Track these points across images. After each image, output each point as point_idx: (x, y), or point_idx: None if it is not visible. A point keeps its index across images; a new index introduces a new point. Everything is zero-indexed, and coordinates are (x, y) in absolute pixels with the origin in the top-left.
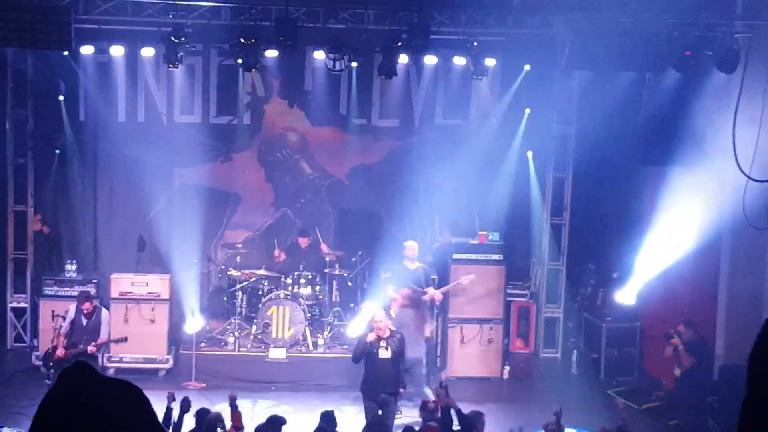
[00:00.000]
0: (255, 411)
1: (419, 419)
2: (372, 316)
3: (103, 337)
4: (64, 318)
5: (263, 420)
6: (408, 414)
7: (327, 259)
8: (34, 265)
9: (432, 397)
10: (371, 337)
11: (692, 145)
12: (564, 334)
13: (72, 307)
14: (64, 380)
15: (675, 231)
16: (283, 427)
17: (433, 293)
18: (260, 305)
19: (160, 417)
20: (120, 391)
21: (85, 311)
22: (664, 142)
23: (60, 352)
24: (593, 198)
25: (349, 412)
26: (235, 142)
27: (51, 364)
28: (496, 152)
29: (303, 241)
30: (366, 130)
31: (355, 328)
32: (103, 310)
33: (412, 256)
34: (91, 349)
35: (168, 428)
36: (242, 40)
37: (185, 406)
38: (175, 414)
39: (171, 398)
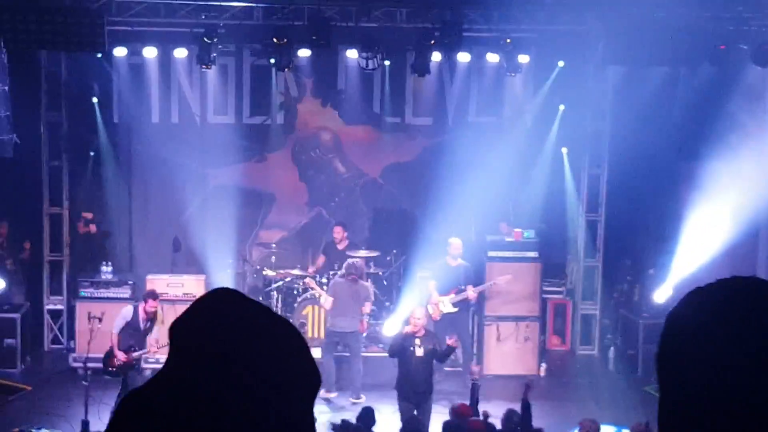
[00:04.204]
0: None
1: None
2: (411, 312)
3: (156, 336)
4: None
5: None
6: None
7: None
8: (84, 267)
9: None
10: (407, 328)
11: (728, 138)
12: (601, 330)
13: (128, 308)
14: (208, 299)
15: (712, 226)
16: (317, 425)
17: (470, 292)
18: (295, 305)
19: None
20: (275, 321)
21: (151, 310)
22: (700, 137)
23: (122, 356)
24: (629, 194)
25: (386, 411)
26: (269, 142)
27: (112, 369)
28: (530, 149)
29: (338, 231)
30: (399, 128)
31: (391, 326)
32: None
33: (456, 253)
34: (153, 350)
35: None
36: (275, 40)
37: None
38: None
39: None
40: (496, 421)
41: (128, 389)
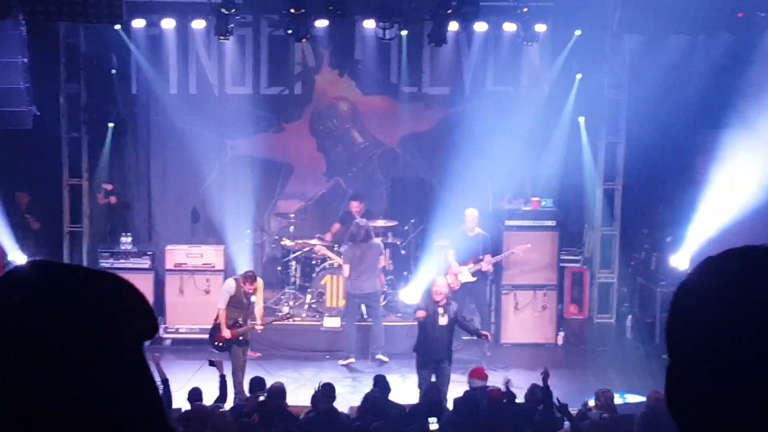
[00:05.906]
0: (310, 380)
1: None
2: (433, 282)
3: (260, 305)
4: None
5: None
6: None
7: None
8: (104, 238)
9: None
10: (420, 314)
11: (747, 106)
12: (618, 299)
13: (231, 281)
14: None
15: (730, 194)
16: (345, 394)
17: (484, 265)
18: (314, 274)
19: (215, 387)
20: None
21: (250, 291)
22: (719, 105)
23: (226, 333)
24: (646, 162)
25: (404, 379)
26: (287, 112)
27: (218, 344)
28: (548, 118)
29: (354, 205)
30: (417, 98)
31: (409, 294)
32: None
33: (471, 225)
34: (259, 327)
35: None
36: (292, 10)
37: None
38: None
39: (220, 366)
40: (518, 391)
41: (232, 362)
